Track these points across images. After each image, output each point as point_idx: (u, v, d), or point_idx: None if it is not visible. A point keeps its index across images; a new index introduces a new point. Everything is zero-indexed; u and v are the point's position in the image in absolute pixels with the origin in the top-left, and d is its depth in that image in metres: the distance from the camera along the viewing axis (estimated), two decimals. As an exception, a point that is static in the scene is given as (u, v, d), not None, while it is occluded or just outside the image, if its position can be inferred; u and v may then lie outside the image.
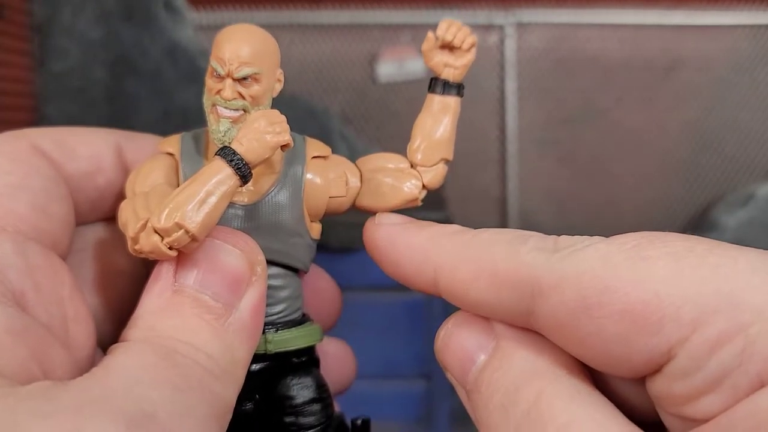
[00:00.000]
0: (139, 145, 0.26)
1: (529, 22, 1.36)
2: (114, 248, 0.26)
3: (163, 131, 0.26)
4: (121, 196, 0.25)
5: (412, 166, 0.26)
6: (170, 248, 0.20)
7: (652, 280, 0.18)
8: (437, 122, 0.26)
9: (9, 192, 0.21)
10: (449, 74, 0.26)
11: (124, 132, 0.26)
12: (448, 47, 0.26)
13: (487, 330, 0.22)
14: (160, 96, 1.24)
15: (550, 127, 1.37)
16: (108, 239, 0.26)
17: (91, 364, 0.20)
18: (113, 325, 0.22)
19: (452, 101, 0.26)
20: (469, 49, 0.25)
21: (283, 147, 0.22)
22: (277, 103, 0.24)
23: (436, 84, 0.26)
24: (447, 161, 0.26)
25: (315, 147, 0.25)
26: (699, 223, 1.38)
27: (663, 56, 1.37)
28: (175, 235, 0.20)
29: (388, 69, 1.36)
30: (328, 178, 0.25)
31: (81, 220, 0.25)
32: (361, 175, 0.26)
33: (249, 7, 1.39)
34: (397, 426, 1.09)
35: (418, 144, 0.26)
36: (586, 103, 1.37)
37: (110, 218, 0.26)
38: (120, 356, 0.19)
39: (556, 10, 1.37)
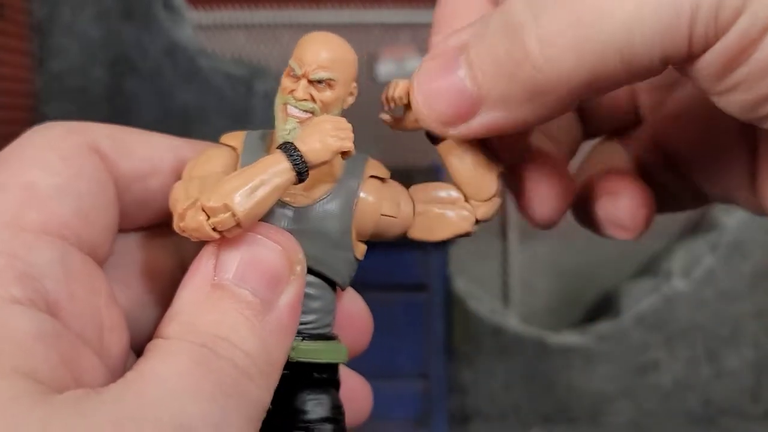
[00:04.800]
0: (199, 150, 0.25)
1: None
2: (159, 250, 0.25)
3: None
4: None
5: (466, 199, 0.26)
6: (214, 230, 0.20)
7: None
8: (462, 159, 0.25)
9: (55, 194, 0.21)
10: None
11: (185, 139, 0.26)
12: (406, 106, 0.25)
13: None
14: (160, 95, 1.24)
15: (550, 127, 1.37)
16: (153, 241, 0.26)
17: (123, 369, 0.19)
18: (153, 327, 0.22)
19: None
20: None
21: (344, 154, 0.22)
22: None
23: (432, 135, 0.25)
24: (501, 174, 0.26)
25: (374, 167, 0.25)
26: (699, 223, 1.38)
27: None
28: (221, 216, 0.20)
29: (388, 68, 1.36)
30: (381, 198, 0.25)
31: (128, 221, 0.24)
32: (413, 205, 0.26)
33: (249, 7, 1.39)
34: (395, 425, 1.09)
35: (464, 190, 0.26)
36: (586, 103, 1.37)
37: (158, 223, 0.25)
38: (155, 361, 0.19)
39: (555, 10, 1.37)
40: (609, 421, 1.33)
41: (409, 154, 1.17)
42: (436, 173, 0.94)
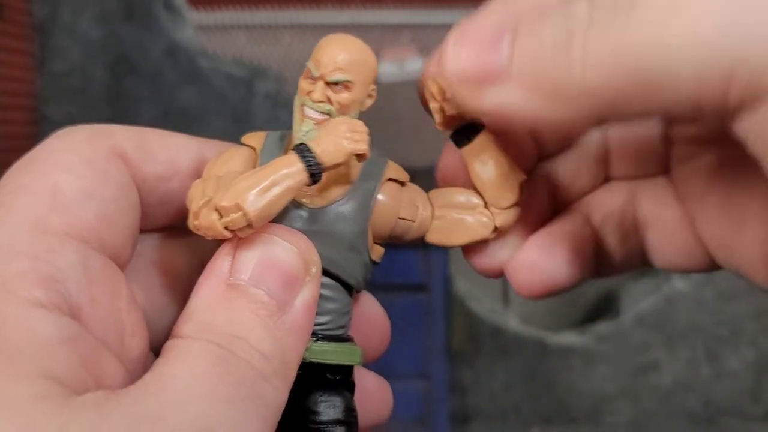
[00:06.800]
0: (220, 150, 0.25)
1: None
2: (178, 250, 0.26)
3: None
4: None
5: (486, 206, 0.26)
6: (226, 229, 0.21)
7: None
8: (485, 165, 0.25)
9: (78, 198, 0.21)
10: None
11: (207, 140, 0.26)
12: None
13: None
14: (161, 96, 1.24)
15: (550, 127, 1.37)
16: (173, 241, 0.26)
17: (143, 371, 0.19)
18: (172, 327, 0.22)
19: (482, 137, 0.25)
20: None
21: (359, 157, 0.22)
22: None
23: (460, 135, 0.25)
24: (523, 183, 0.25)
25: (393, 170, 0.25)
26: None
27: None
28: (232, 216, 0.20)
29: (388, 69, 1.36)
30: (398, 201, 0.25)
31: (150, 221, 0.25)
32: (432, 210, 0.26)
33: (249, 7, 1.39)
34: (396, 425, 1.09)
35: (485, 197, 0.25)
36: (586, 104, 1.37)
37: (178, 224, 0.26)
38: (172, 362, 0.19)
39: (555, 10, 1.37)
40: (609, 421, 1.33)
41: (409, 155, 1.18)
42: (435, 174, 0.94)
